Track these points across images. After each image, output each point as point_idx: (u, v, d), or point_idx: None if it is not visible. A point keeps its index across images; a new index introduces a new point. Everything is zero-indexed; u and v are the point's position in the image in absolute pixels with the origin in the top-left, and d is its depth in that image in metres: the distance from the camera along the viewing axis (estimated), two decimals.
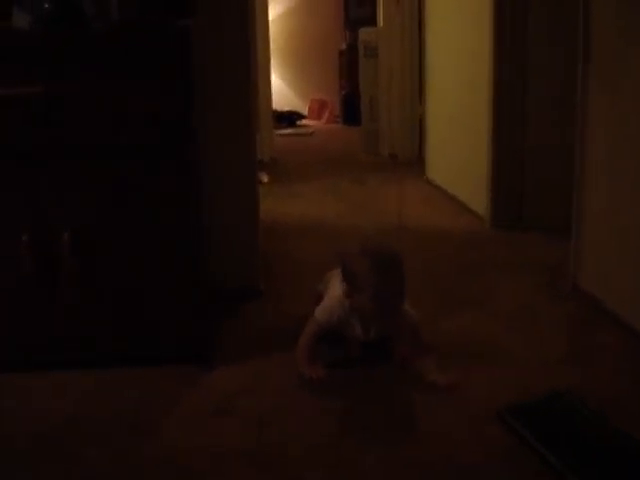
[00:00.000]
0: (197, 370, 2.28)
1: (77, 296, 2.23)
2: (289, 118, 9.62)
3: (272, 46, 7.39)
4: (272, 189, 5.22)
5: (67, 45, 2.09)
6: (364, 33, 6.99)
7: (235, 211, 2.89)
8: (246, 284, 2.96)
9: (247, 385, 2.20)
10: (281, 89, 10.46)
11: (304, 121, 10.08)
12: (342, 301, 2.23)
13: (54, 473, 1.76)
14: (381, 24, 6.59)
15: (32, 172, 2.15)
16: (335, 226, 4.21)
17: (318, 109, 10.49)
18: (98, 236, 2.21)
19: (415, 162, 6.28)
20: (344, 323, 2.26)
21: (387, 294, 2.12)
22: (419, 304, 2.40)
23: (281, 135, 8.60)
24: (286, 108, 9.97)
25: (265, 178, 5.47)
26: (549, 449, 1.73)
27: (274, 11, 9.50)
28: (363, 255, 2.17)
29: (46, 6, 2.09)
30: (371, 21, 7.45)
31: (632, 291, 2.53)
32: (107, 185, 2.18)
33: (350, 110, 9.21)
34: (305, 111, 10.43)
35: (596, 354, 2.37)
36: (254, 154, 2.92)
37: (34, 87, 2.06)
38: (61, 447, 1.87)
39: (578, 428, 1.83)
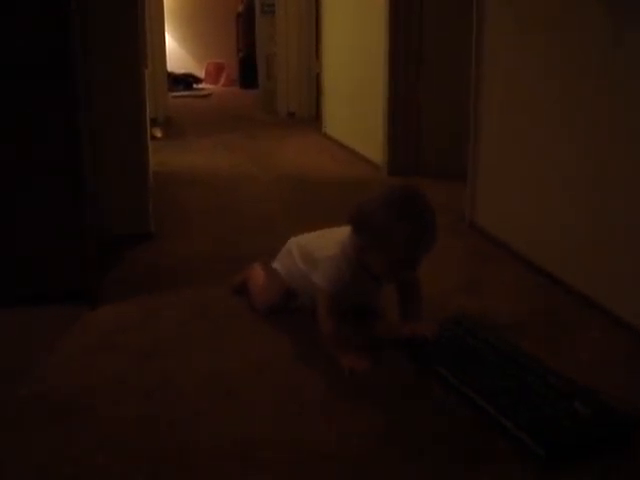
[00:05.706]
0: (81, 309, 2.14)
1: None
2: (185, 81, 9.39)
3: (167, 8, 7.17)
4: (166, 144, 5.07)
5: None
6: None
7: (126, 161, 2.81)
8: (138, 229, 2.87)
9: (132, 322, 2.08)
10: (177, 52, 10.19)
11: (201, 84, 9.88)
12: (347, 255, 1.84)
13: None
14: None
15: None
16: (228, 175, 4.12)
17: (215, 72, 10.28)
18: None
19: (313, 119, 6.22)
20: (355, 281, 1.86)
21: (417, 257, 1.79)
22: None
23: (177, 97, 8.38)
24: (182, 71, 9.72)
25: (159, 133, 5.30)
26: (448, 370, 1.71)
27: None
28: (397, 213, 1.73)
29: None
30: None
31: (524, 226, 2.60)
32: None
33: (247, 73, 9.05)
34: (202, 74, 10.21)
35: (492, 283, 2.38)
36: (144, 106, 2.83)
37: None
38: None
39: (472, 349, 1.81)
